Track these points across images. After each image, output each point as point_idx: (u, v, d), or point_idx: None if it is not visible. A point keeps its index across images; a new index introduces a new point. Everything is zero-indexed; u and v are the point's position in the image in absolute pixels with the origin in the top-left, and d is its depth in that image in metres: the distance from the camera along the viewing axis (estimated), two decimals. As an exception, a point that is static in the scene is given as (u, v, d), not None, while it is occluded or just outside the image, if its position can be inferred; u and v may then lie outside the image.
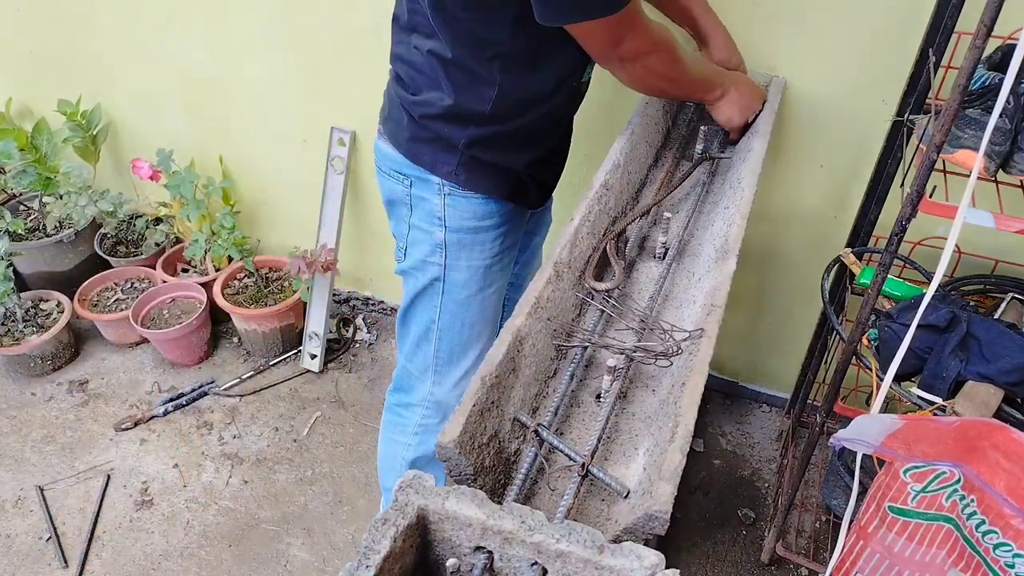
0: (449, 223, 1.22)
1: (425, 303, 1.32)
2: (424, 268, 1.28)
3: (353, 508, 1.88)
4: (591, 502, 0.83)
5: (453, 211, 1.21)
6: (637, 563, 0.63)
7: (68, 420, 2.11)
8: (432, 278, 1.28)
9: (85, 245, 2.46)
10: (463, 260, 1.26)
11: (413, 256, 1.28)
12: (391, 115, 1.23)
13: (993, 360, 1.17)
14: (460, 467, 0.77)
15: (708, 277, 1.05)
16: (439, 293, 1.29)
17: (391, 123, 1.23)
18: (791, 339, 1.93)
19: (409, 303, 1.34)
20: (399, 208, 1.28)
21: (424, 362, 1.37)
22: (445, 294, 1.29)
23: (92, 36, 2.20)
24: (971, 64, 0.87)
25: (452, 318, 1.31)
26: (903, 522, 1.12)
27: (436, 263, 1.26)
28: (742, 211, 1.08)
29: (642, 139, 1.35)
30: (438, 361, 1.35)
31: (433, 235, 1.24)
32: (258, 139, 2.20)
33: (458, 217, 1.22)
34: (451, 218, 1.22)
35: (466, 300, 1.30)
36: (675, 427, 0.76)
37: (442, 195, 1.20)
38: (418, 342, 1.36)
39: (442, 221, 1.22)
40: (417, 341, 1.36)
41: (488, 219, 1.24)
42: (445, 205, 1.21)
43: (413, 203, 1.24)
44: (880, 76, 1.43)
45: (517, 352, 0.89)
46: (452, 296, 1.29)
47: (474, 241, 1.25)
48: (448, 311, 1.30)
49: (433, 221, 1.23)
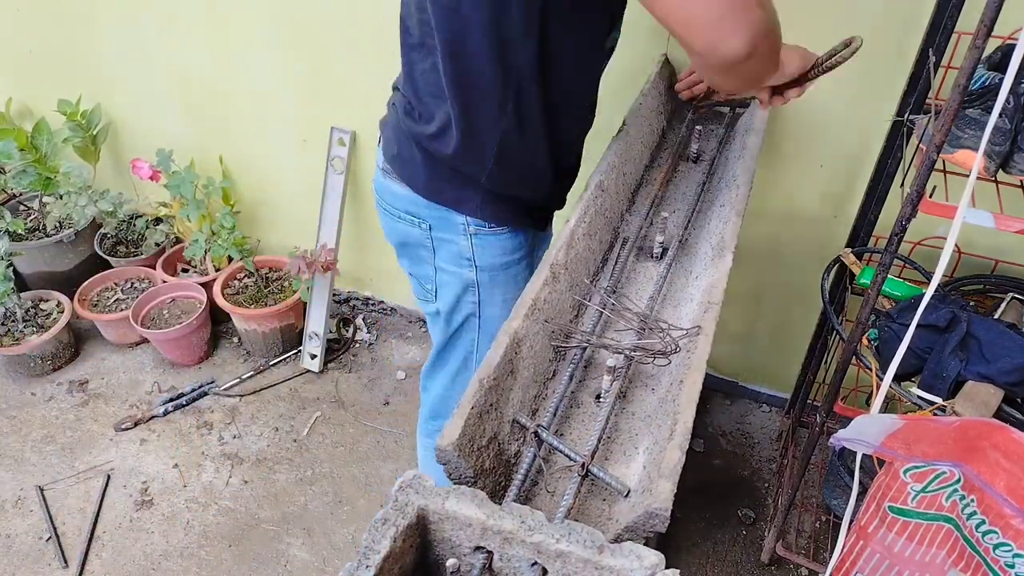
0: (479, 263, 1.16)
1: (463, 339, 1.27)
2: (458, 308, 1.22)
3: (353, 508, 1.88)
4: (592, 502, 0.83)
5: (482, 251, 1.15)
6: (637, 563, 0.63)
7: (68, 420, 2.11)
8: (467, 315, 1.23)
9: (85, 245, 2.46)
10: (498, 296, 1.21)
11: (445, 298, 1.22)
12: (400, 153, 1.12)
13: (993, 360, 1.17)
14: (460, 470, 0.77)
15: (705, 275, 1.05)
16: (475, 329, 1.25)
17: (401, 162, 1.13)
18: (791, 339, 1.93)
19: (446, 341, 1.29)
20: (417, 250, 1.20)
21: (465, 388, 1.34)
22: (481, 329, 1.24)
23: (92, 36, 2.20)
24: (971, 64, 0.86)
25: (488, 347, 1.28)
26: (903, 522, 1.12)
27: (471, 301, 1.21)
28: (737, 208, 1.08)
29: (637, 140, 1.34)
30: None
31: (463, 276, 1.18)
32: (258, 139, 2.20)
33: (488, 256, 1.16)
34: (481, 257, 1.16)
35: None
36: (674, 425, 0.76)
37: (468, 235, 1.13)
38: (457, 373, 1.31)
39: (472, 262, 1.16)
40: (455, 372, 1.31)
41: (517, 252, 1.19)
42: (473, 245, 1.14)
43: (436, 246, 1.17)
44: (880, 76, 1.43)
45: (515, 354, 0.89)
46: (487, 330, 1.24)
47: (507, 276, 1.20)
48: (485, 343, 1.26)
49: (462, 263, 1.17)
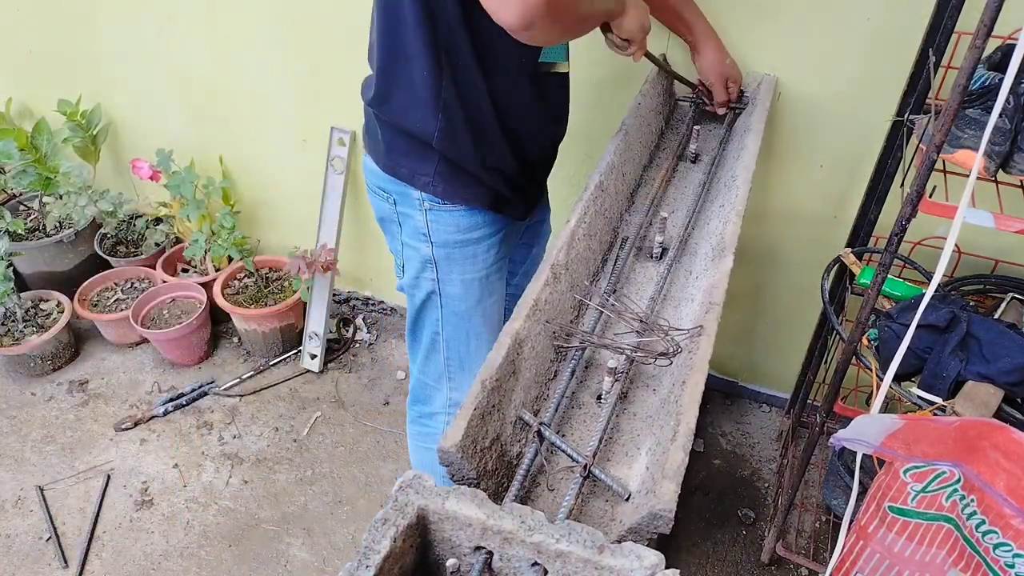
0: (435, 238, 1.20)
1: (426, 317, 1.31)
2: (419, 284, 1.27)
3: (353, 508, 1.88)
4: (595, 502, 0.83)
5: (437, 226, 1.19)
6: (637, 563, 0.63)
7: (68, 420, 2.11)
8: (428, 292, 1.27)
9: (85, 245, 2.46)
10: (455, 274, 1.24)
11: (408, 273, 1.28)
12: (368, 129, 1.22)
13: (993, 360, 1.17)
14: (463, 471, 0.77)
15: (706, 275, 1.05)
16: (437, 307, 1.28)
17: (368, 137, 1.22)
18: (791, 339, 1.93)
19: (413, 319, 1.34)
20: (390, 226, 1.26)
21: (437, 371, 1.36)
22: (444, 307, 1.28)
23: (92, 36, 2.20)
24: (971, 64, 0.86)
25: (455, 330, 1.30)
26: (903, 522, 1.12)
27: (429, 278, 1.25)
28: (737, 209, 1.08)
29: (636, 140, 1.35)
30: (450, 369, 1.35)
31: (420, 251, 1.22)
32: (258, 139, 2.20)
33: (442, 232, 1.20)
34: (436, 233, 1.20)
35: (466, 312, 1.28)
36: (677, 426, 0.76)
37: (423, 210, 1.18)
38: (427, 354, 1.35)
39: (427, 237, 1.20)
40: (426, 353, 1.35)
41: (475, 231, 1.21)
42: (428, 220, 1.19)
43: (400, 220, 1.22)
44: (880, 76, 1.43)
45: (517, 355, 0.89)
46: (451, 309, 1.28)
47: (464, 255, 1.22)
48: (450, 324, 1.29)
49: (419, 237, 1.21)
